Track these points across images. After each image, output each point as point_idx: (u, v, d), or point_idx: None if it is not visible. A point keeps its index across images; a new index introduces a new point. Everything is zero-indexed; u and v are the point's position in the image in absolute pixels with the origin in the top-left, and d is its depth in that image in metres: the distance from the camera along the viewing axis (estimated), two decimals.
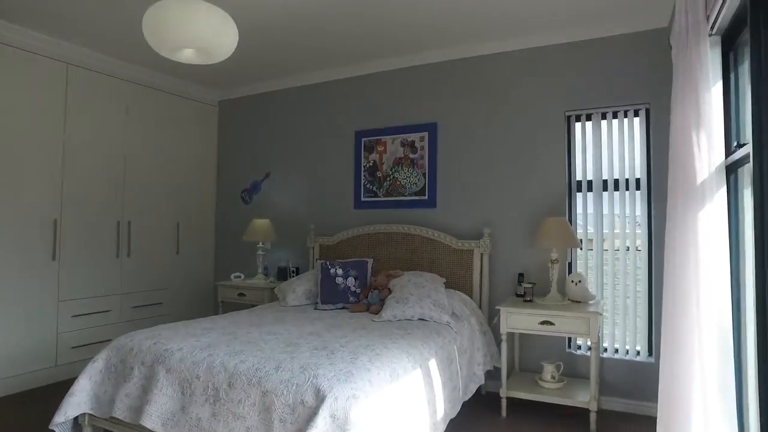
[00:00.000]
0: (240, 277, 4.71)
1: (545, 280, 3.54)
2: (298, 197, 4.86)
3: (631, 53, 3.50)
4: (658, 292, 3.09)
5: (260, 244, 4.63)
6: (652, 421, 2.31)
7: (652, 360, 3.38)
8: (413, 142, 4.26)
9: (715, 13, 2.11)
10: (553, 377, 3.36)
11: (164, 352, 2.42)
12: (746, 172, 2.04)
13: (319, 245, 4.52)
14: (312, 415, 1.92)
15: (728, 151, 2.20)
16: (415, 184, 4.23)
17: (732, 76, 2.33)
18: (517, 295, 3.60)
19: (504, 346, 3.28)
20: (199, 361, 2.30)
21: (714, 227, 2.01)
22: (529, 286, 3.43)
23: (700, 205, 2.00)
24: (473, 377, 3.25)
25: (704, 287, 1.96)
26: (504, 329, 3.26)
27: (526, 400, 3.32)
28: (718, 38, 2.31)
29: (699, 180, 2.02)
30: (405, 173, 4.28)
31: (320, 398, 1.94)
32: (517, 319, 3.25)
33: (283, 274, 4.65)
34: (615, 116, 3.59)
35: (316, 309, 3.63)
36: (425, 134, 4.22)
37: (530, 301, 3.40)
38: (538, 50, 3.81)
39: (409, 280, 3.49)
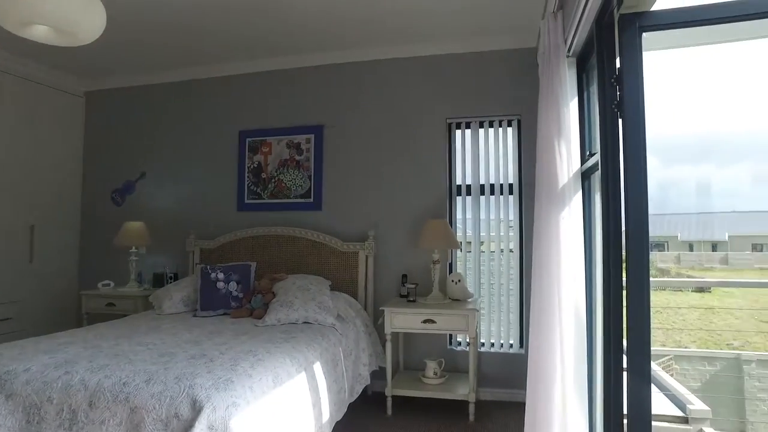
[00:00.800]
0: (109, 285, 4.29)
1: (428, 280, 3.69)
2: (176, 199, 4.55)
3: (506, 68, 3.79)
4: (529, 289, 3.37)
5: (133, 249, 4.26)
6: (523, 407, 2.52)
7: (523, 351, 3.67)
8: (299, 143, 4.21)
9: (571, 37, 2.36)
10: (435, 373, 3.50)
11: (4, 375, 2.10)
12: (597, 178, 2.30)
13: (200, 249, 4.27)
14: (187, 428, 1.80)
15: (583, 159, 2.46)
16: (301, 186, 4.18)
17: (585, 94, 2.62)
18: (401, 296, 3.71)
19: (388, 345, 3.36)
20: (51, 380, 2.03)
21: (573, 227, 2.24)
22: (413, 286, 3.55)
23: (561, 206, 2.22)
24: (359, 378, 3.27)
25: (565, 282, 2.17)
26: (388, 329, 3.34)
27: (410, 397, 3.42)
28: (574, 60, 2.58)
29: (560, 184, 2.23)
30: (291, 175, 4.21)
31: (197, 409, 1.82)
32: (401, 319, 3.34)
33: (159, 281, 4.32)
34: (491, 125, 3.86)
35: (195, 316, 3.42)
36: (312, 136, 4.19)
37: (413, 301, 3.51)
38: (423, 59, 3.97)
39: (293, 283, 3.43)
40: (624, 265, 1.89)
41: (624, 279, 1.88)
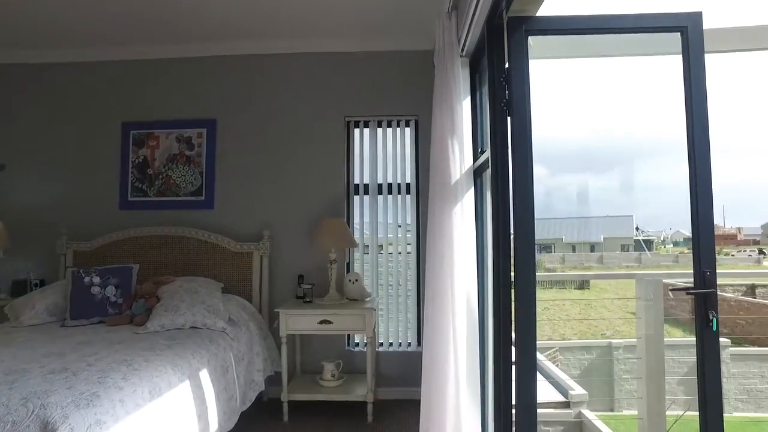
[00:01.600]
0: None
1: (325, 281, 3.60)
2: (45, 195, 4.04)
3: (405, 69, 3.82)
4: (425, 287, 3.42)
5: None
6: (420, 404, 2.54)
7: (420, 350, 3.71)
8: (190, 138, 3.94)
9: (464, 37, 2.41)
10: (333, 375, 3.42)
11: None
12: (488, 176, 2.36)
13: (74, 252, 3.82)
14: None
15: (475, 157, 2.53)
16: (192, 183, 3.91)
17: (478, 93, 2.70)
18: (298, 297, 3.59)
19: (284, 349, 3.22)
20: None
21: (465, 224, 2.28)
22: (309, 287, 3.45)
23: (454, 203, 2.25)
24: (252, 384, 3.10)
25: (458, 278, 2.20)
26: (284, 331, 3.20)
27: (308, 401, 3.31)
28: (467, 60, 2.65)
29: (453, 180, 2.27)
30: (180, 171, 3.92)
31: None
32: (297, 321, 3.23)
33: (21, 289, 3.80)
34: (390, 125, 3.87)
35: (63, 326, 3.03)
36: (204, 130, 3.93)
37: (310, 301, 3.41)
38: (323, 56, 3.88)
39: (180, 286, 3.17)
40: (512, 262, 1.95)
41: (512, 275, 1.94)
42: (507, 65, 2.00)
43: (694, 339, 1.97)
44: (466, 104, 2.47)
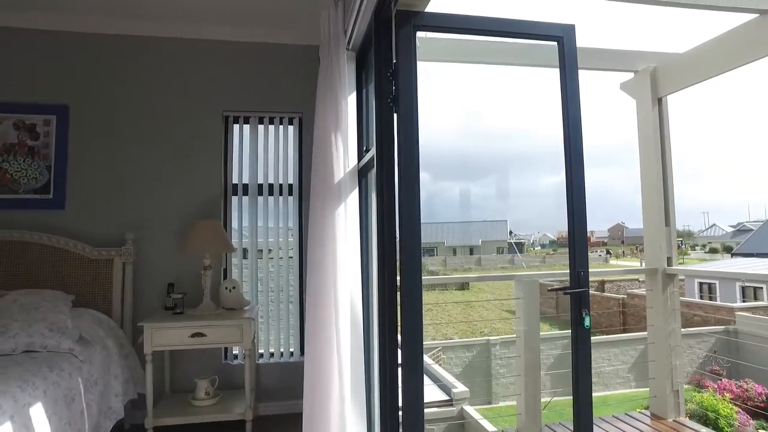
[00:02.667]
0: None
1: (198, 289, 3.27)
2: None
3: (291, 63, 3.62)
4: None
5: None
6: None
7: (303, 359, 3.52)
8: (34, 125, 3.36)
9: (351, 29, 2.30)
10: (207, 393, 3.11)
11: None
12: (373, 176, 2.27)
13: None
14: None
15: (361, 156, 2.42)
16: (36, 178, 3.34)
17: (365, 90, 2.61)
18: (167, 308, 3.21)
19: (149, 368, 2.85)
20: None
21: (349, 225, 2.16)
22: (179, 296, 3.10)
23: (337, 203, 2.12)
24: (109, 412, 2.69)
25: (341, 281, 2.07)
26: (149, 348, 2.83)
27: (178, 425, 2.95)
28: (354, 54, 2.54)
29: (336, 179, 2.13)
30: (20, 164, 3.33)
31: None
32: (166, 335, 2.87)
33: None
34: (272, 122, 3.64)
35: None
36: (53, 118, 3.38)
37: (181, 313, 3.07)
38: (200, 42, 3.54)
39: (14, 301, 2.66)
40: (398, 264, 1.87)
41: (398, 278, 1.85)
42: (395, 60, 1.93)
43: (558, 332, 2.05)
44: (352, 100, 2.36)
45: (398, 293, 1.84)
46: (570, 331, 2.04)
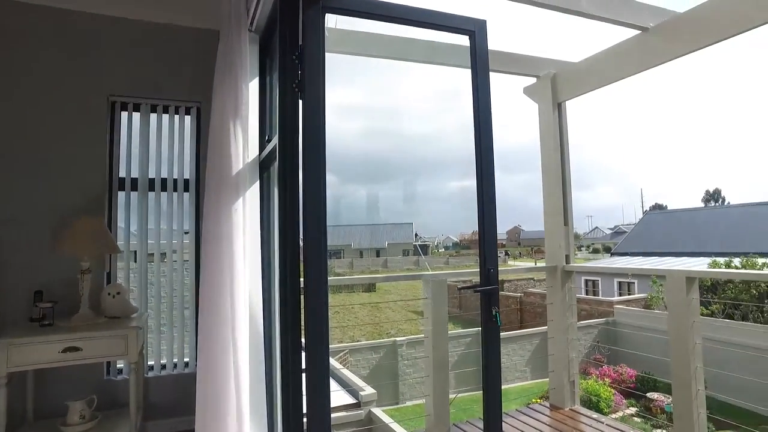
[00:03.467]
0: None
1: (74, 297, 2.86)
2: None
3: (189, 47, 3.31)
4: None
5: None
6: None
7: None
8: None
9: (254, 8, 2.11)
10: (83, 417, 2.72)
11: None
12: (276, 169, 2.10)
13: None
14: None
15: (263, 146, 2.24)
16: None
17: (268, 78, 2.42)
18: (33, 319, 2.76)
19: (2, 393, 2.41)
20: None
21: (249, 221, 1.97)
22: (49, 305, 2.68)
23: (235, 196, 1.92)
24: None
25: (239, 283, 1.88)
26: (4, 369, 2.40)
27: None
28: (257, 37, 2.35)
29: (234, 171, 1.94)
30: None
31: None
32: (30, 352, 2.46)
33: None
34: (166, 111, 3.31)
35: None
36: None
37: (50, 324, 2.65)
38: (84, 16, 3.11)
39: None
40: (301, 264, 1.72)
41: (302, 278, 1.70)
42: (301, 42, 1.78)
43: (463, 331, 2.02)
44: (254, 86, 2.18)
45: (302, 295, 1.69)
46: (475, 329, 2.02)
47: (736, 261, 13.15)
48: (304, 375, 1.69)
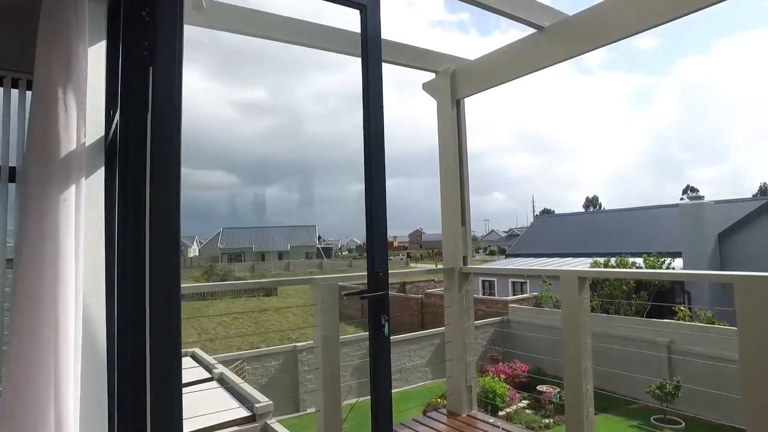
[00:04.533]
0: None
1: None
2: None
3: (10, 3, 2.73)
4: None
5: None
6: None
7: None
8: None
9: None
10: None
11: None
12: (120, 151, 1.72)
13: None
14: None
15: (108, 125, 1.84)
16: None
17: (114, 44, 2.01)
18: None
19: None
20: None
21: (84, 215, 1.57)
22: None
23: (65, 186, 1.52)
24: None
25: (66, 287, 1.47)
26: None
27: None
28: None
29: (63, 154, 1.53)
30: None
31: None
32: None
33: None
34: None
35: None
36: None
37: None
38: None
39: None
40: (147, 266, 1.38)
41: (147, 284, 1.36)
42: None
43: (364, 334, 1.81)
44: (97, 51, 1.77)
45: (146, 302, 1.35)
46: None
47: (613, 260, 14.40)
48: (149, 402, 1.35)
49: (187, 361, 6.94)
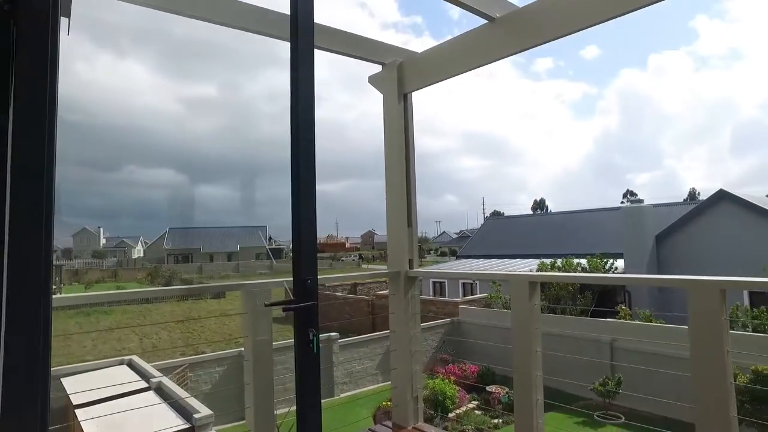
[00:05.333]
0: None
1: None
2: None
3: None
4: None
5: None
6: None
7: None
8: None
9: None
10: None
11: None
12: None
13: None
14: None
15: None
16: None
17: None
18: None
19: None
20: None
21: None
22: None
23: None
24: None
25: None
26: None
27: None
28: None
29: None
30: None
31: None
32: None
33: None
34: None
35: None
36: None
37: None
38: None
39: None
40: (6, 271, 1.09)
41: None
42: None
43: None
44: None
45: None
46: (325, 335, 1.55)
47: (559, 261, 14.72)
48: None
49: (122, 370, 6.41)
